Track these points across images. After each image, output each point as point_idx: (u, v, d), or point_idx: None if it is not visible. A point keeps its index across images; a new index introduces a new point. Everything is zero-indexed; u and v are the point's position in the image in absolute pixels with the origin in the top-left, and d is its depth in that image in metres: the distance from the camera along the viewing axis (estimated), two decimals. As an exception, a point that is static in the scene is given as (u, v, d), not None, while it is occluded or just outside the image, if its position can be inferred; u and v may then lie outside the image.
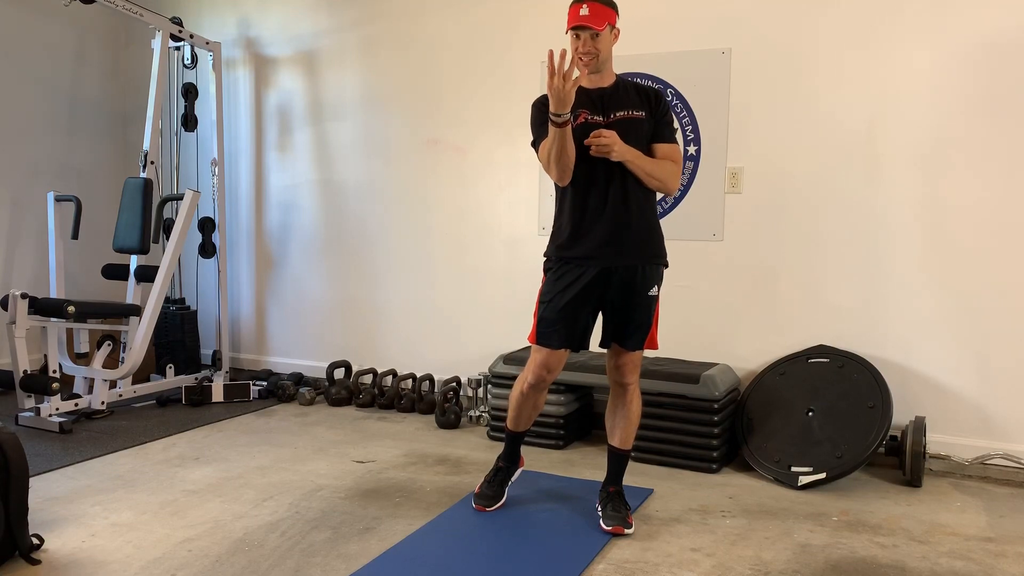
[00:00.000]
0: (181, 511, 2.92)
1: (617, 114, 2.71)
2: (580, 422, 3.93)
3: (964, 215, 3.44)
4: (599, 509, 2.85)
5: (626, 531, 2.75)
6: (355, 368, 4.68)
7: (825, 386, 3.50)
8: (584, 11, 2.65)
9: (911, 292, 3.54)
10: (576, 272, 2.74)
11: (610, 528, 2.75)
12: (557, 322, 2.74)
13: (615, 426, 2.87)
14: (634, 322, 2.76)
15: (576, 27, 2.68)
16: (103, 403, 4.17)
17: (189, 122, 4.91)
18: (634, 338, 2.78)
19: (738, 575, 2.48)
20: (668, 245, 2.90)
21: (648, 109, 2.75)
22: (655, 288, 2.79)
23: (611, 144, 2.62)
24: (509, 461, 3.03)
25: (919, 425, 3.31)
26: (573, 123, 2.67)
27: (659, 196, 2.93)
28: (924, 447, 3.30)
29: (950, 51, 3.42)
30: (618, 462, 2.90)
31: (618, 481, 2.90)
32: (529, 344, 2.85)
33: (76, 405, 4.09)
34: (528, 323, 2.88)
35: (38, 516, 2.76)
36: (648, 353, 3.88)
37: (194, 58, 4.93)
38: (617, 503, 2.83)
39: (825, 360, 3.59)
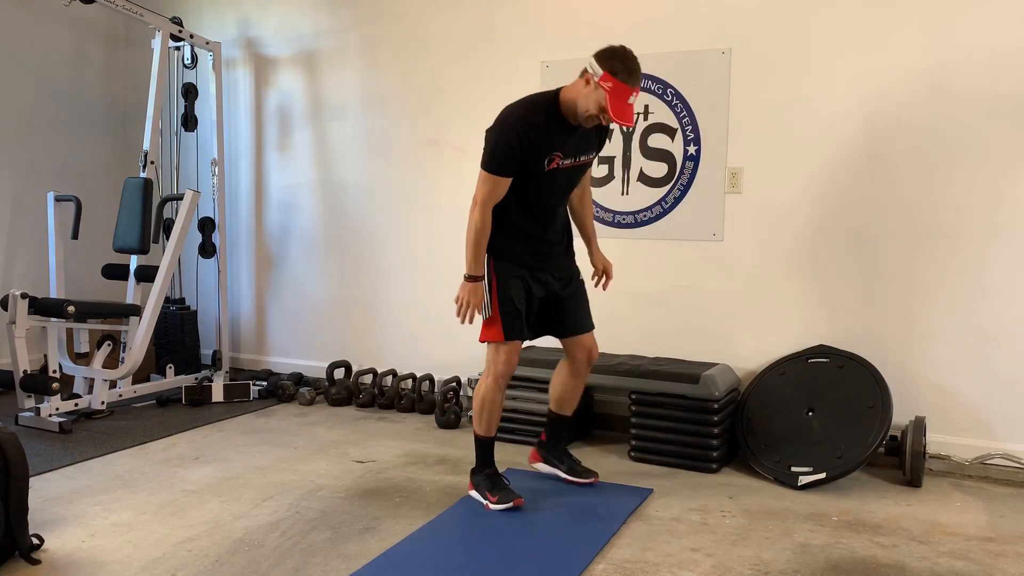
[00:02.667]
0: (181, 511, 2.92)
1: (580, 158, 2.92)
2: (579, 422, 3.93)
3: (964, 214, 3.44)
4: (559, 465, 3.22)
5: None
6: (355, 368, 4.68)
7: (825, 386, 3.49)
8: (633, 99, 2.72)
9: (911, 292, 3.54)
10: (526, 276, 2.94)
11: (591, 479, 3.18)
12: (519, 316, 2.92)
13: (572, 399, 3.19)
14: (584, 307, 3.09)
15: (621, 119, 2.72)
16: (103, 403, 4.17)
17: (189, 122, 4.91)
18: (589, 319, 3.10)
19: (738, 575, 2.48)
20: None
21: (597, 148, 3.02)
22: (580, 275, 3.12)
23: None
24: (493, 464, 3.07)
25: (919, 425, 3.31)
26: (547, 167, 2.82)
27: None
28: (924, 447, 3.30)
29: (949, 50, 3.42)
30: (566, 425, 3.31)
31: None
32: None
33: (76, 405, 4.09)
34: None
35: (38, 516, 2.76)
36: (648, 353, 3.94)
37: (194, 58, 4.93)
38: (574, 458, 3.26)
39: (825, 360, 3.59)
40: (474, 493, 3.02)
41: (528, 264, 2.93)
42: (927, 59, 3.46)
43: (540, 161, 2.79)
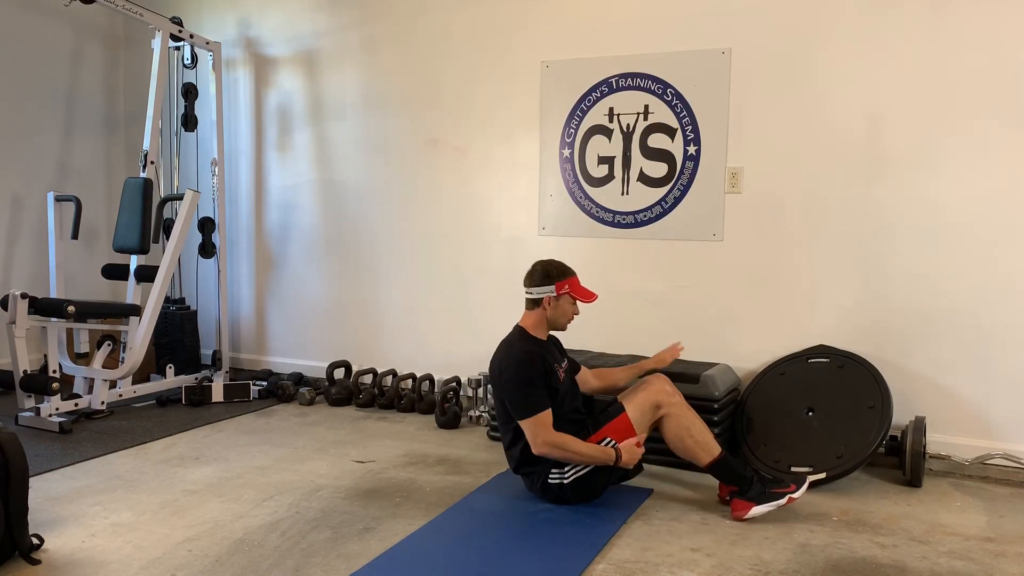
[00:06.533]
0: (181, 511, 2.92)
1: (563, 365, 3.14)
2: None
3: (964, 214, 3.44)
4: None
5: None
6: (355, 368, 4.68)
7: (825, 386, 3.50)
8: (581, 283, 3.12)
9: (911, 292, 3.54)
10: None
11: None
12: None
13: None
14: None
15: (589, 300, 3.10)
16: (103, 403, 4.17)
17: (189, 122, 4.90)
18: None
19: (738, 575, 2.48)
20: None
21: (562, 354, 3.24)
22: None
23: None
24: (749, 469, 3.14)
25: (919, 425, 3.31)
26: (559, 379, 3.03)
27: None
28: (924, 447, 3.30)
29: (950, 49, 3.42)
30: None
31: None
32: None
33: (76, 405, 4.09)
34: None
35: (38, 516, 2.76)
36: (648, 353, 3.95)
37: (194, 58, 4.93)
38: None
39: (825, 360, 3.59)
40: (760, 508, 2.89)
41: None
42: (927, 58, 3.46)
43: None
